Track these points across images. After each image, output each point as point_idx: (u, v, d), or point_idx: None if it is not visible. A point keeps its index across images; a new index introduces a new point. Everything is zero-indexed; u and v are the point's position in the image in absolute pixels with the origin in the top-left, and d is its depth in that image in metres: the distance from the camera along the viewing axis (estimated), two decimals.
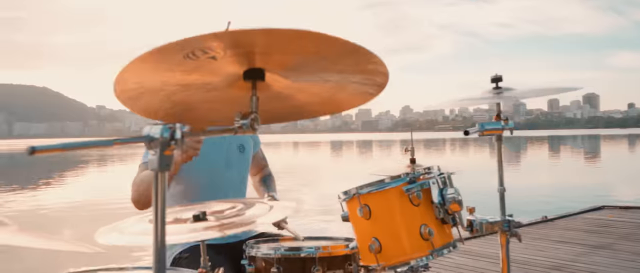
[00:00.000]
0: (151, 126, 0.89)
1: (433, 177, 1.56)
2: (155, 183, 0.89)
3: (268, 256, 1.74)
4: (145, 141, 0.88)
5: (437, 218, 1.54)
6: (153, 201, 0.89)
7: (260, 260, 1.76)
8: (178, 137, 0.89)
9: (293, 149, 59.57)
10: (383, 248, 1.54)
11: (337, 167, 27.99)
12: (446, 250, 1.55)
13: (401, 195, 1.52)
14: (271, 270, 1.72)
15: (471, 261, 4.67)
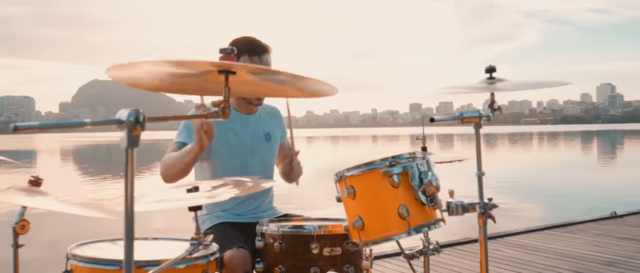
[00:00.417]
0: (122, 110, 1.11)
1: (415, 161, 1.67)
2: (126, 160, 1.11)
3: (273, 232, 1.94)
4: (115, 123, 1.09)
5: (416, 199, 1.66)
6: (124, 175, 1.11)
7: (268, 236, 1.96)
8: (141, 121, 1.10)
9: (372, 142, 59.46)
10: (365, 225, 1.69)
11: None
12: (425, 228, 1.67)
13: (381, 177, 1.65)
14: (275, 244, 1.92)
15: (524, 254, 4.61)
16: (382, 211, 1.67)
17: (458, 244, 4.99)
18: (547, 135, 71.42)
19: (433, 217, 1.70)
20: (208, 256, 1.73)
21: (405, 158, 1.68)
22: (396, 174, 1.65)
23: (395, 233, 1.65)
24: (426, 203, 1.66)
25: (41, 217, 8.56)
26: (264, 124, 2.47)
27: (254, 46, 2.29)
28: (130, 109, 1.11)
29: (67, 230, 7.76)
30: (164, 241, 1.88)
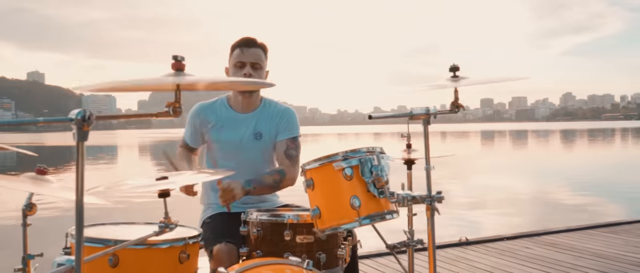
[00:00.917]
0: (73, 110, 1.33)
1: (367, 156, 1.80)
2: (77, 152, 1.33)
3: (253, 220, 2.13)
4: (67, 121, 1.32)
5: (368, 191, 1.78)
6: (76, 165, 1.33)
7: (250, 224, 2.15)
8: (88, 118, 1.31)
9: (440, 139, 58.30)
10: (322, 215, 1.83)
11: (486, 158, 27.00)
12: (375, 219, 1.78)
13: (335, 170, 1.79)
14: (253, 231, 2.11)
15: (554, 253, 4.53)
16: (335, 201, 1.81)
17: (487, 241, 4.97)
18: (632, 132, 66.84)
19: (385, 208, 1.81)
20: (186, 239, 1.95)
21: (359, 152, 1.80)
22: (348, 167, 1.78)
23: (346, 222, 1.78)
24: (376, 195, 1.77)
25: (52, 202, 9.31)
26: (257, 123, 2.58)
27: (244, 41, 2.51)
28: (80, 109, 1.33)
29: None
30: (149, 226, 2.10)
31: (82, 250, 1.35)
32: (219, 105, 2.62)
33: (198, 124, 2.60)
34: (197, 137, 2.62)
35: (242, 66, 2.49)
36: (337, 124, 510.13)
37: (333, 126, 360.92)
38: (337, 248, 2.16)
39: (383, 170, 1.78)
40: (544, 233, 5.22)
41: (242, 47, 2.50)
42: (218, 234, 2.28)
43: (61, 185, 2.01)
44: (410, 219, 2.50)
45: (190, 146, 2.66)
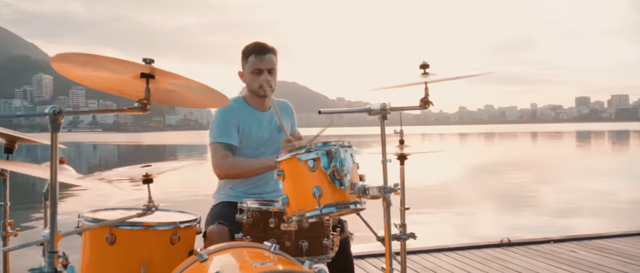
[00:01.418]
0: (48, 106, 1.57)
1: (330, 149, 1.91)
2: (51, 141, 1.57)
3: (245, 208, 2.31)
4: (43, 115, 1.56)
5: (330, 182, 1.89)
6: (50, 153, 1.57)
7: (243, 211, 2.33)
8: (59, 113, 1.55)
9: (531, 140, 55.59)
10: (290, 203, 1.97)
11: (581, 160, 25.52)
12: (334, 208, 1.89)
13: (300, 162, 1.92)
14: (244, 218, 2.28)
15: (600, 258, 4.33)
16: (300, 191, 1.94)
17: (531, 243, 4.82)
18: None
19: (347, 198, 1.91)
20: (177, 223, 2.17)
21: (323, 146, 1.92)
22: (311, 159, 1.91)
23: (309, 210, 1.90)
24: (337, 186, 1.88)
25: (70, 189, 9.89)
26: (275, 119, 2.78)
27: (258, 47, 2.65)
28: (54, 104, 1.58)
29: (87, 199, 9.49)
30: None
31: (56, 225, 1.60)
32: (238, 107, 2.73)
33: (232, 120, 2.67)
34: (233, 133, 2.67)
35: (260, 73, 2.64)
36: (420, 123, 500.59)
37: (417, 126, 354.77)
38: (323, 238, 2.29)
39: (343, 162, 1.88)
40: (596, 237, 4.97)
41: (257, 55, 2.64)
42: (215, 218, 2.49)
43: (75, 174, 2.30)
44: (402, 213, 2.58)
45: (232, 145, 2.65)
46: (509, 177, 16.14)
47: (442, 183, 14.56)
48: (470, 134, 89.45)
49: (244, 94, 2.83)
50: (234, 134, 2.64)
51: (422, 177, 15.85)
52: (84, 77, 1.76)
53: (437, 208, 9.95)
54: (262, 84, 2.63)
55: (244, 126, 2.69)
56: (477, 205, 10.49)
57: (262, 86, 2.63)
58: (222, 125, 2.64)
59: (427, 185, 13.49)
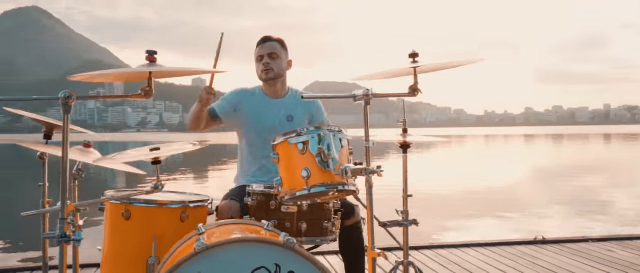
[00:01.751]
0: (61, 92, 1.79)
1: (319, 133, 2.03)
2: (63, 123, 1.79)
3: (251, 191, 2.46)
4: (56, 99, 1.78)
5: (319, 164, 2.02)
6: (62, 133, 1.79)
7: (250, 194, 2.49)
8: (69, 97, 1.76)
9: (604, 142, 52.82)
10: (283, 184, 2.11)
11: None
12: (322, 188, 2.01)
13: (291, 145, 2.06)
14: (250, 200, 2.44)
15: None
16: (291, 172, 2.08)
17: (567, 242, 4.70)
18: None
19: (334, 180, 2.02)
20: (186, 202, 2.36)
21: (313, 131, 2.05)
22: (301, 143, 2.04)
23: (298, 190, 2.04)
24: (324, 168, 2.00)
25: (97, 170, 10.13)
26: (288, 108, 2.94)
27: (261, 39, 2.90)
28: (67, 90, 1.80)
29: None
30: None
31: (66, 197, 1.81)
32: (257, 92, 2.97)
33: (233, 99, 2.93)
34: (227, 108, 2.91)
35: (261, 58, 2.87)
36: (484, 125, 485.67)
37: (480, 128, 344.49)
38: (324, 220, 2.41)
39: (330, 146, 2.00)
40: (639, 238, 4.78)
41: (260, 44, 2.89)
42: (227, 196, 2.67)
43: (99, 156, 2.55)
44: (405, 200, 2.66)
45: (215, 112, 2.90)
46: (578, 181, 15.49)
47: (507, 186, 14.08)
48: (537, 135, 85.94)
49: (262, 84, 3.00)
50: (226, 107, 2.91)
51: (486, 179, 15.50)
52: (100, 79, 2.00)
53: (499, 211, 9.67)
54: (263, 67, 2.83)
55: (249, 110, 2.88)
56: (541, 208, 10.13)
57: (263, 70, 2.84)
58: (226, 98, 2.95)
59: (491, 187, 13.15)
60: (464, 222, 8.52)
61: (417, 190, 10.98)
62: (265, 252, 1.65)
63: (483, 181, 15.18)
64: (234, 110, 2.92)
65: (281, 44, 2.90)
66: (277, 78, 2.88)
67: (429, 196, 11.22)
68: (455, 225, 8.23)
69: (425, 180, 15.31)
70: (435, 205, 10.12)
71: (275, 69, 2.84)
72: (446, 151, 35.39)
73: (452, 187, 13.50)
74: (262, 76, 2.87)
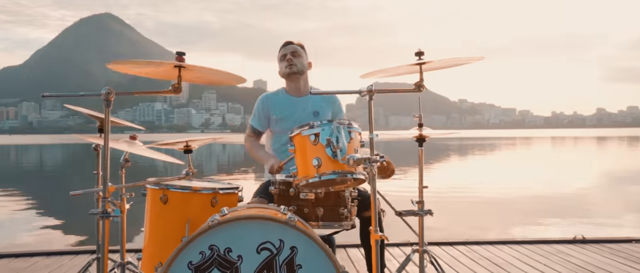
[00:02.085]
0: (104, 88, 2.09)
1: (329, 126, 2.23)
2: (105, 116, 2.09)
3: (274, 181, 2.69)
4: (99, 95, 2.08)
5: (327, 154, 2.21)
6: (104, 126, 2.09)
7: (273, 184, 2.72)
8: (110, 92, 2.05)
9: None
10: (298, 172, 2.32)
11: None
12: (332, 176, 2.20)
13: (304, 136, 2.27)
14: (273, 188, 2.67)
15: None
16: (305, 161, 2.28)
17: (609, 242, 4.63)
18: None
19: (343, 168, 2.21)
20: (216, 189, 2.62)
21: (324, 124, 2.24)
22: (312, 134, 2.24)
23: (310, 177, 2.24)
24: (332, 157, 2.20)
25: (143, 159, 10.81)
26: (313, 104, 3.19)
27: (284, 43, 3.20)
28: (107, 87, 2.09)
29: None
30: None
31: (107, 180, 2.10)
32: (280, 93, 3.26)
33: (263, 110, 3.22)
34: (262, 121, 3.24)
35: (284, 57, 3.16)
36: (551, 127, 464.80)
37: (547, 129, 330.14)
38: (340, 207, 2.60)
39: (338, 137, 2.19)
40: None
41: (282, 47, 3.19)
42: (257, 193, 2.92)
43: (144, 148, 2.85)
44: (420, 191, 2.80)
45: (258, 130, 3.25)
46: None
47: (575, 190, 13.52)
48: (610, 137, 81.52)
49: (285, 84, 3.25)
50: (263, 121, 3.22)
51: (555, 183, 14.94)
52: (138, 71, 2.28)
53: (564, 215, 9.34)
54: (286, 63, 3.13)
55: (279, 112, 3.16)
56: (610, 217, 9.60)
57: (287, 65, 3.12)
58: (257, 112, 3.23)
59: (560, 192, 12.73)
60: (523, 227, 8.24)
61: (478, 193, 10.99)
62: (270, 229, 1.87)
63: (548, 184, 14.65)
64: (267, 119, 3.23)
65: (302, 46, 3.20)
66: (299, 73, 3.13)
67: (490, 199, 11.08)
68: (515, 230, 7.99)
69: (487, 182, 15.09)
70: (496, 209, 9.96)
71: (298, 65, 3.11)
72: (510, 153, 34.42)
73: (513, 190, 13.13)
74: (285, 71, 3.13)
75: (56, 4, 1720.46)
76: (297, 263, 1.85)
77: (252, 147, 3.23)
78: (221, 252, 1.83)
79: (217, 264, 1.83)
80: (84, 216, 2.95)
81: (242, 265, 1.83)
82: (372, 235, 2.13)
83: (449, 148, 40.93)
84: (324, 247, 1.88)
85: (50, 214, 10.44)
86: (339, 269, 1.84)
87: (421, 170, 2.78)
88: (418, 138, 2.77)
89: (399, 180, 13.95)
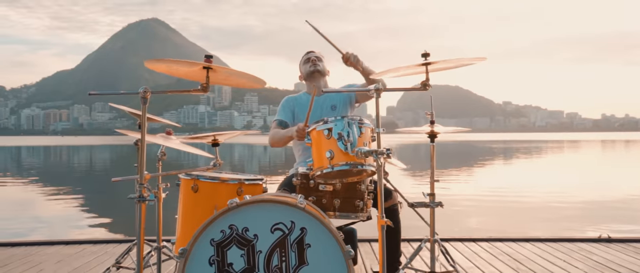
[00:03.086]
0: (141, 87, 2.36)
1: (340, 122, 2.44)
2: (142, 113, 2.37)
3: (296, 173, 2.92)
4: (136, 93, 2.36)
5: (339, 147, 2.42)
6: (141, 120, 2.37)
7: (296, 175, 2.95)
8: (146, 91, 2.33)
9: None
10: (314, 163, 2.54)
11: None
12: (345, 166, 2.41)
13: (319, 131, 2.48)
14: (295, 180, 2.90)
15: None
16: (319, 154, 2.50)
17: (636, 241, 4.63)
18: None
19: (354, 160, 2.41)
20: (242, 179, 2.86)
21: (337, 120, 2.45)
22: (326, 129, 2.46)
23: (324, 168, 2.46)
24: (343, 150, 2.40)
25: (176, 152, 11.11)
26: (330, 99, 3.46)
27: (307, 51, 3.50)
28: (144, 86, 2.37)
29: None
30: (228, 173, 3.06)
31: (144, 168, 2.38)
32: (302, 96, 3.55)
33: (288, 105, 3.51)
34: (288, 113, 3.48)
35: (309, 60, 3.44)
36: (601, 130, 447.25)
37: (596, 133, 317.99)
38: (356, 199, 2.80)
39: (349, 132, 2.40)
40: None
41: (306, 54, 3.50)
42: (281, 186, 3.15)
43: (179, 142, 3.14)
44: (432, 184, 2.97)
45: (283, 120, 3.48)
46: None
47: (626, 196, 13.09)
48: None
49: (306, 88, 3.52)
50: (287, 113, 3.44)
51: (603, 187, 14.49)
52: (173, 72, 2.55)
53: (611, 223, 9.15)
54: (310, 63, 3.43)
55: (301, 109, 3.41)
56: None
57: (311, 65, 3.42)
58: (281, 109, 3.49)
59: (610, 196, 12.36)
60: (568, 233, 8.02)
61: (522, 196, 10.82)
62: (283, 211, 2.09)
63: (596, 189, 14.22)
64: (292, 112, 3.48)
65: (321, 56, 3.50)
66: (321, 73, 3.42)
67: (533, 203, 10.99)
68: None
69: (531, 185, 14.85)
70: (538, 213, 9.85)
71: (320, 66, 3.40)
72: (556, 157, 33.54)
73: (557, 195, 12.82)
74: (309, 70, 3.41)
75: (106, 10, 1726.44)
76: (306, 243, 2.06)
77: (274, 134, 3.40)
78: (239, 230, 2.07)
79: (236, 241, 2.07)
80: (129, 212, 3.27)
81: (258, 243, 2.06)
82: (379, 220, 2.32)
83: (494, 152, 40.20)
84: (332, 229, 2.08)
85: (98, 209, 11.17)
86: (344, 248, 2.05)
87: (433, 164, 2.95)
88: (430, 134, 2.95)
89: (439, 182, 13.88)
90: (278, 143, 3.39)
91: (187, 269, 2.04)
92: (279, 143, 3.39)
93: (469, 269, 3.79)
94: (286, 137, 3.32)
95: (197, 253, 2.06)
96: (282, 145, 3.40)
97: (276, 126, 3.51)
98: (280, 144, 3.39)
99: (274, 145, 3.43)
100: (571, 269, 3.80)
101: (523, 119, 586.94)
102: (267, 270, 2.05)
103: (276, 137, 3.38)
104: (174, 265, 3.72)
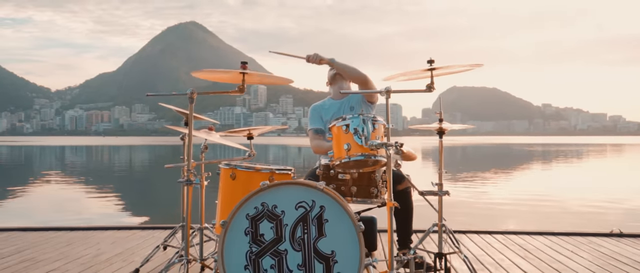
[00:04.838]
0: (189, 89, 2.83)
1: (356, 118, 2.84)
2: (189, 112, 2.84)
3: (319, 163, 3.34)
4: (184, 94, 2.82)
5: (355, 140, 2.83)
6: (189, 119, 2.84)
7: (319, 166, 3.37)
8: (192, 92, 2.79)
9: None
10: (334, 155, 2.96)
11: None
12: (360, 157, 2.81)
13: (338, 127, 2.90)
14: (319, 170, 3.33)
15: None
16: (339, 146, 2.92)
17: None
18: None
19: (369, 151, 2.81)
20: (273, 169, 3.31)
21: (354, 117, 2.86)
22: (344, 125, 2.87)
23: (342, 158, 2.87)
24: (358, 143, 2.81)
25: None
26: (350, 101, 3.87)
27: None
28: (191, 88, 2.83)
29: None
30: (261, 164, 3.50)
31: (190, 158, 2.85)
32: (327, 102, 3.98)
33: (316, 112, 3.95)
34: (318, 120, 3.93)
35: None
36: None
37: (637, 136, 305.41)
38: (371, 187, 3.20)
39: (364, 128, 2.80)
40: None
41: (329, 71, 3.93)
42: (308, 176, 3.59)
43: (219, 138, 3.61)
44: (440, 175, 3.35)
45: (318, 128, 3.91)
46: None
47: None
48: None
49: (332, 93, 3.95)
50: (318, 121, 3.89)
51: None
52: (214, 77, 3.01)
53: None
54: (334, 71, 3.87)
55: (327, 112, 3.86)
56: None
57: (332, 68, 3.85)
58: (312, 118, 3.92)
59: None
60: None
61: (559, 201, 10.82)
62: (305, 192, 2.52)
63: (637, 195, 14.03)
64: (320, 118, 3.92)
65: None
66: (343, 76, 3.80)
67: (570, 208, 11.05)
68: None
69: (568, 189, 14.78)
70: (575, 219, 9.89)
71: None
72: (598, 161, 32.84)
73: (597, 201, 12.68)
74: (332, 73, 3.85)
75: (146, 13, 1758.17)
76: (325, 218, 2.48)
77: (318, 145, 3.83)
78: (270, 207, 2.51)
79: (266, 216, 2.51)
80: (167, 206, 3.76)
81: (284, 217, 2.50)
82: (388, 203, 2.71)
83: (533, 155, 39.63)
84: (346, 207, 2.50)
85: (139, 205, 12.03)
86: (356, 223, 2.45)
87: (441, 157, 3.32)
88: (438, 130, 3.32)
89: (469, 187, 14.12)
90: (321, 152, 3.83)
91: (227, 238, 2.49)
92: (322, 151, 3.81)
93: (480, 256, 4.13)
94: (325, 148, 3.75)
95: (235, 225, 2.51)
96: (324, 153, 3.85)
97: (313, 134, 3.91)
98: (323, 152, 3.80)
99: (318, 153, 3.88)
100: (577, 259, 4.08)
101: (563, 122, 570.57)
102: (292, 240, 2.49)
103: (322, 147, 3.81)
104: (214, 246, 4.20)
